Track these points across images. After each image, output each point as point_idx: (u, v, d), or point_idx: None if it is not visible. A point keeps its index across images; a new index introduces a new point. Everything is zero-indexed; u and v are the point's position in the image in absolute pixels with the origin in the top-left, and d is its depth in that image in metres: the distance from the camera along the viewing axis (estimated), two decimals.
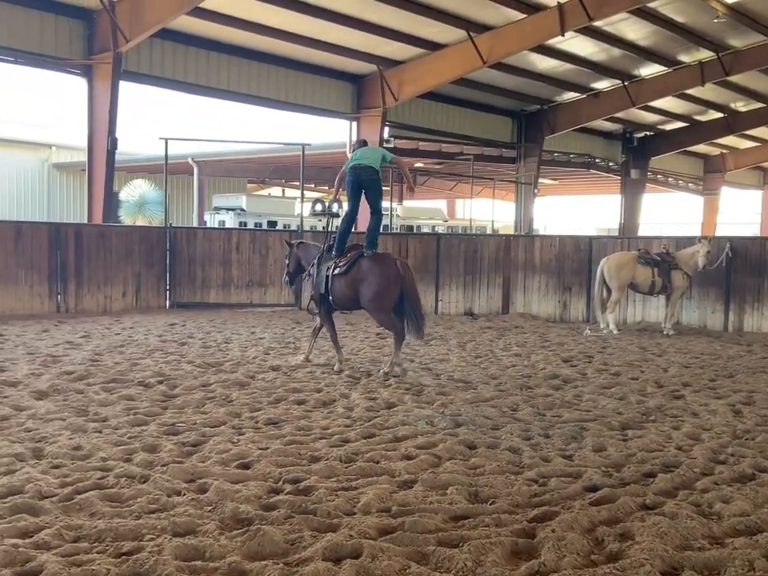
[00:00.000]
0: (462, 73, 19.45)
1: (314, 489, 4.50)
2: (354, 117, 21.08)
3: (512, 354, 10.35)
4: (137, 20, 14.73)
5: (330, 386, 7.72)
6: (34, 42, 14.95)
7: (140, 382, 7.58)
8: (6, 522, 3.77)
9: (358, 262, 8.58)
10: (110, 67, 15.33)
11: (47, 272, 13.75)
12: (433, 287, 15.82)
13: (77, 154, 30.28)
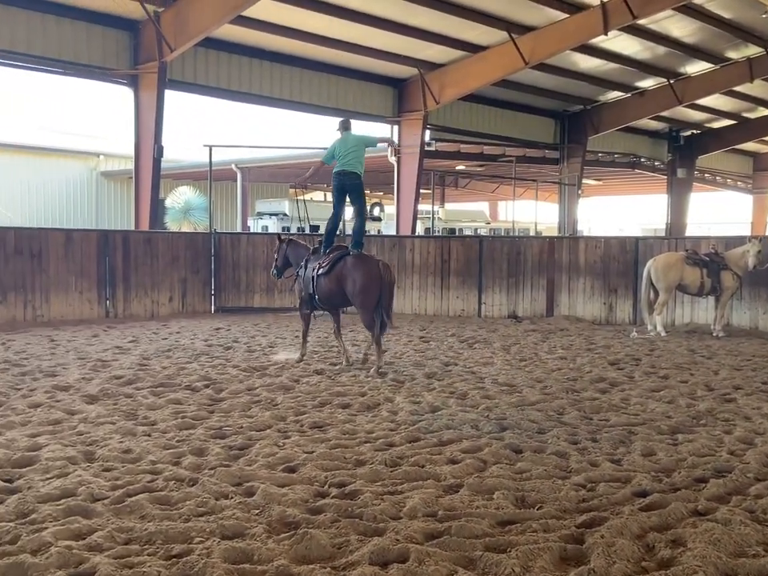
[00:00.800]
0: (504, 74, 19.33)
1: (360, 493, 4.50)
2: (396, 120, 21.10)
3: (557, 356, 10.24)
4: (181, 30, 14.96)
5: (374, 389, 7.73)
6: (82, 53, 15.28)
7: (187, 386, 7.68)
8: (60, 524, 3.85)
9: (343, 261, 9.03)
10: (155, 77, 15.59)
11: (96, 278, 14.03)
12: (475, 290, 15.75)
13: (124, 162, 30.89)
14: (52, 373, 8.29)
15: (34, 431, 5.78)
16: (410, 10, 16.43)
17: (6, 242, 13.02)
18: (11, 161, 29.22)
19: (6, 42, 14.28)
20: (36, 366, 8.73)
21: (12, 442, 5.43)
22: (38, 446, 5.36)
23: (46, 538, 3.64)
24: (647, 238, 17.55)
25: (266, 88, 18.50)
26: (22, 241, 13.23)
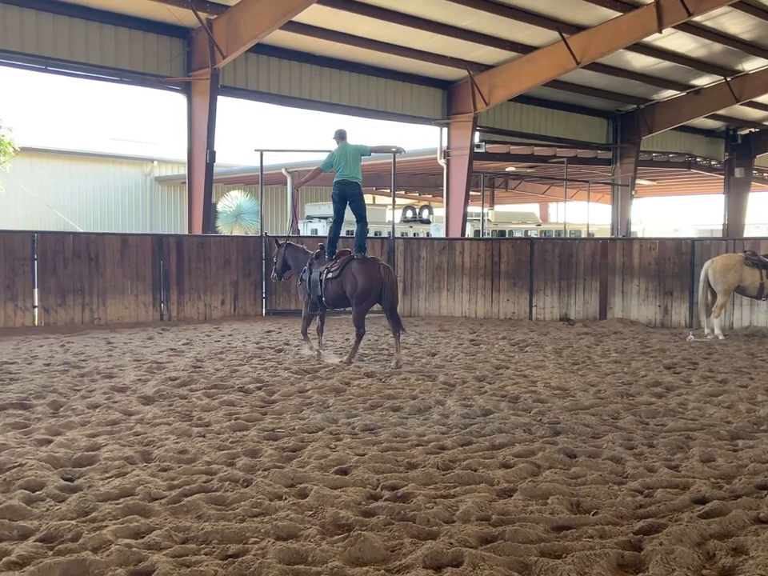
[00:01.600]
0: (555, 75, 19.13)
1: (413, 496, 4.49)
2: (445, 123, 21.06)
3: (611, 360, 10.07)
4: (233, 36, 15.19)
5: (425, 392, 7.71)
6: (138, 61, 15.64)
7: (240, 388, 7.76)
8: (120, 523, 3.93)
9: (348, 265, 9.63)
10: (207, 83, 15.86)
11: (151, 281, 14.31)
12: (526, 293, 15.61)
13: (177, 167, 31.53)
14: (109, 374, 8.47)
15: (93, 431, 5.91)
16: (459, 12, 16.39)
17: (66, 247, 13.37)
18: (71, 167, 30.04)
19: (65, 51, 14.70)
20: (94, 367, 8.94)
21: (72, 441, 5.56)
22: (97, 445, 5.48)
23: (107, 536, 3.72)
24: (704, 239, 17.15)
25: (315, 92, 18.66)
26: (81, 245, 13.57)
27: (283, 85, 18.05)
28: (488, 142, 22.36)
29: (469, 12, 16.33)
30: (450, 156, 21.09)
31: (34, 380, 8.02)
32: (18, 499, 4.25)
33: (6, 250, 12.75)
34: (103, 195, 31.03)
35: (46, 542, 3.72)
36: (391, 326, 9.71)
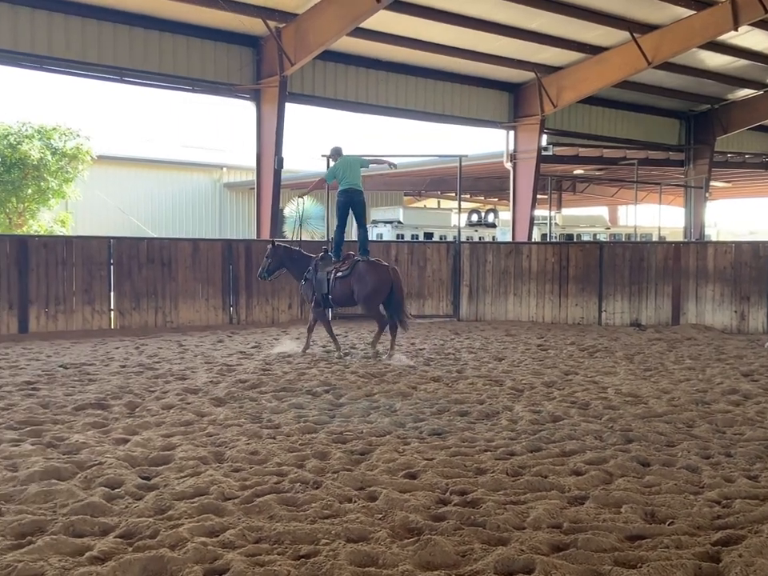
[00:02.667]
0: (626, 75, 18.76)
1: (482, 501, 4.46)
2: (511, 126, 20.90)
3: (685, 367, 9.81)
4: (301, 44, 15.40)
5: (493, 397, 7.65)
6: (209, 70, 16.02)
7: (308, 391, 7.85)
8: (195, 521, 4.02)
9: (356, 266, 10.36)
10: (276, 90, 16.12)
11: (221, 286, 14.60)
12: (595, 297, 15.35)
13: (245, 173, 32.09)
14: (182, 376, 8.68)
15: (168, 431, 6.06)
16: (526, 14, 16.25)
17: (140, 252, 13.77)
18: (144, 174, 30.92)
19: (140, 62, 15.16)
20: (167, 369, 9.17)
21: (148, 441, 5.72)
22: (171, 445, 5.62)
23: (183, 534, 3.81)
24: None
25: (381, 97, 18.76)
26: (154, 250, 13.95)
27: (349, 90, 18.21)
28: (555, 144, 22.08)
29: (536, 14, 16.17)
30: (516, 159, 20.91)
31: (111, 381, 8.28)
32: (99, 496, 4.39)
33: (84, 255, 13.20)
34: (175, 201, 31.82)
35: (126, 539, 3.83)
36: (391, 325, 10.43)
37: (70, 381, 8.31)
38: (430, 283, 15.91)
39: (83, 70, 14.98)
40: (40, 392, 7.61)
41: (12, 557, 3.52)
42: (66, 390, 7.72)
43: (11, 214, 21.02)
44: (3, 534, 3.83)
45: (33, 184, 20.72)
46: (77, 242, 13.48)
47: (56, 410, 6.80)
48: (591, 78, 19.04)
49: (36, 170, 20.47)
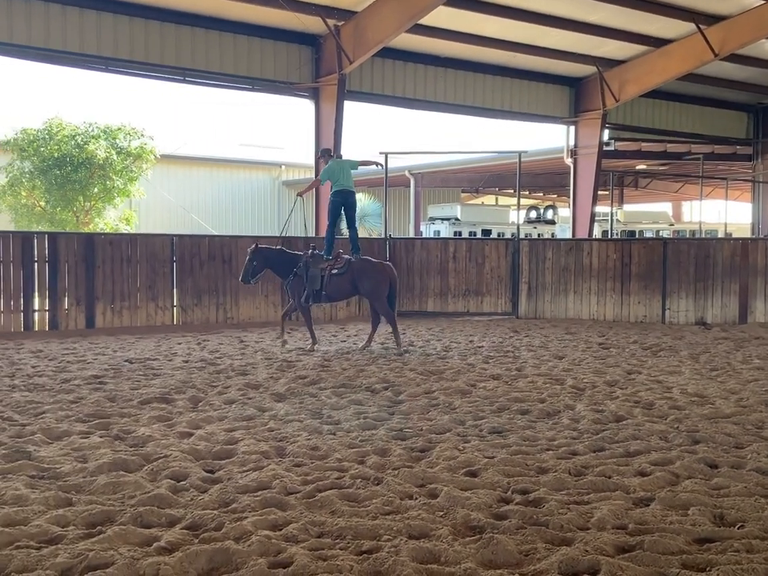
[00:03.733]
0: (691, 68, 18.29)
1: (544, 501, 4.41)
2: (572, 121, 20.61)
3: (753, 367, 9.52)
4: (360, 42, 15.46)
5: (553, 396, 7.55)
6: (269, 69, 16.23)
7: (367, 388, 7.87)
8: (259, 515, 4.07)
9: (353, 264, 10.93)
10: (334, 88, 16.22)
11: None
12: (659, 295, 15.01)
13: (303, 171, 32.41)
14: (243, 372, 8.80)
15: (230, 426, 6.15)
16: (588, 7, 15.98)
17: (201, 249, 14.01)
18: (205, 173, 31.49)
19: (202, 62, 15.45)
20: (229, 364, 9.31)
21: (211, 435, 5.81)
22: (234, 439, 5.70)
23: (247, 527, 3.86)
24: None
25: (439, 94, 18.71)
26: (215, 247, 14.19)
27: (408, 87, 18.21)
28: (617, 139, 21.70)
29: (597, 6, 15.89)
30: (577, 155, 20.61)
31: (174, 376, 8.45)
32: (165, 488, 4.48)
33: (148, 252, 13.50)
34: (234, 199, 32.32)
35: (192, 530, 3.90)
36: (374, 320, 11.25)
37: (136, 375, 8.51)
38: (488, 280, 15.79)
39: (147, 70, 15.36)
40: (107, 386, 7.82)
41: (83, 545, 3.62)
42: (131, 384, 7.91)
43: (78, 212, 21.65)
44: (75, 524, 3.94)
45: (99, 183, 21.30)
46: (141, 240, 13.80)
47: (122, 403, 6.98)
48: (655, 71, 18.63)
49: (102, 169, 21.04)
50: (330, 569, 3.44)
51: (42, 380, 8.11)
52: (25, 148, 21.00)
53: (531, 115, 20.39)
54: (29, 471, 4.79)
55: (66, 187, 20.83)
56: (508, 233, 26.71)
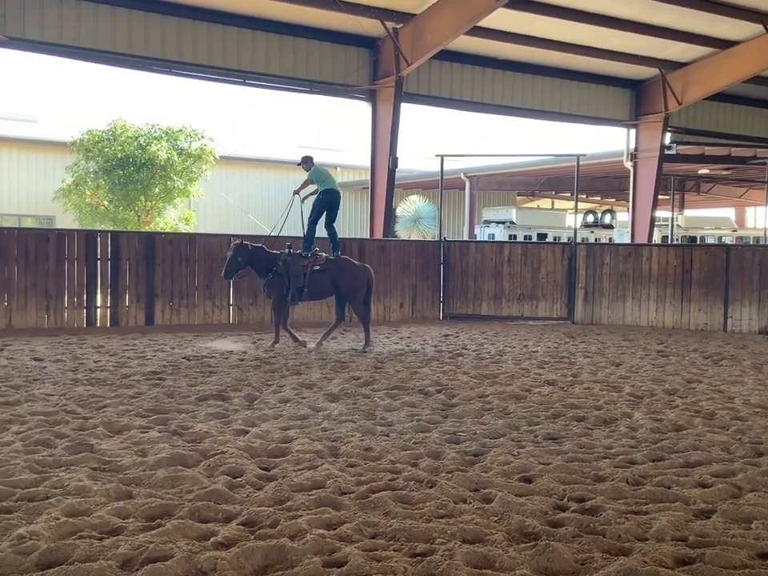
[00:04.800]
0: (759, 70, 17.77)
1: (602, 509, 4.33)
2: (632, 124, 20.25)
3: None
4: (417, 44, 15.46)
5: (610, 403, 7.43)
6: (327, 71, 16.35)
7: (420, 390, 7.86)
8: (313, 513, 4.09)
9: (334, 262, 11.25)
10: (392, 91, 16.26)
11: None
12: (720, 303, 14.64)
13: (358, 173, 32.55)
14: (297, 371, 8.88)
15: (285, 424, 6.20)
16: (650, 8, 15.67)
17: None
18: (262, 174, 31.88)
19: (261, 64, 15.66)
20: (283, 363, 9.41)
21: (267, 433, 5.88)
22: (288, 438, 5.75)
23: (302, 525, 3.88)
24: None
25: (497, 96, 18.59)
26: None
27: (465, 89, 18.14)
28: (679, 143, 21.21)
29: (661, 7, 15.57)
30: (637, 158, 20.25)
31: (230, 374, 8.57)
32: (222, 484, 4.55)
33: (206, 251, 13.74)
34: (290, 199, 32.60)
35: (248, 526, 3.94)
36: (362, 318, 11.50)
37: (193, 372, 8.66)
38: (543, 285, 15.63)
39: (209, 73, 15.61)
40: (165, 382, 7.98)
41: (143, 537, 3.69)
42: (189, 381, 8.05)
43: (140, 211, 22.15)
44: (135, 516, 4.03)
45: (160, 183, 21.77)
46: (199, 239, 14.05)
47: (180, 399, 7.11)
48: (720, 74, 18.17)
49: (163, 169, 21.50)
50: (384, 570, 3.44)
51: (104, 375, 8.32)
52: (90, 149, 21.60)
53: (590, 118, 20.11)
54: (91, 463, 4.92)
55: (128, 187, 21.35)
56: (564, 237, 26.36)
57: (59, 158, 24.92)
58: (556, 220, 29.90)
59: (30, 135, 27.71)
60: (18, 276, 12.32)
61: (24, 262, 12.35)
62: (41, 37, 13.81)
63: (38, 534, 3.68)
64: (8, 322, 12.15)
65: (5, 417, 6.13)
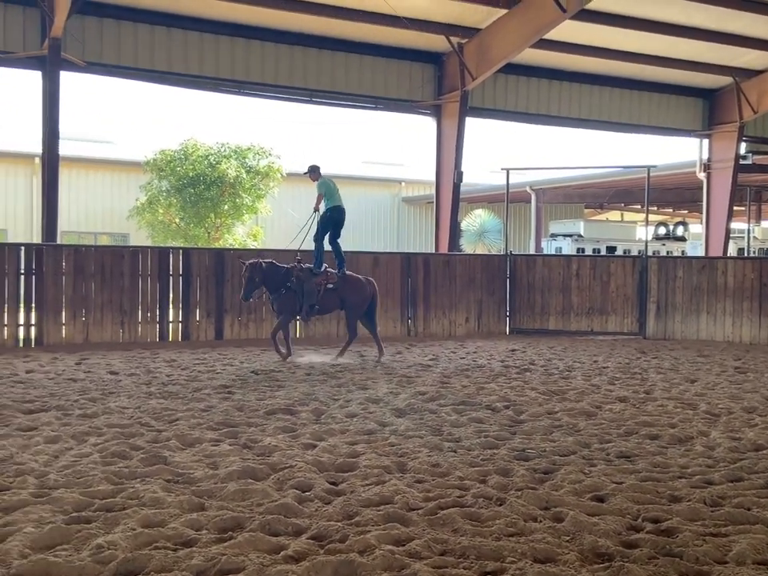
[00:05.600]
0: None
1: (678, 530, 4.20)
2: (705, 134, 19.75)
3: None
4: (482, 58, 15.46)
5: (685, 421, 7.21)
6: (392, 88, 16.50)
7: (487, 406, 7.78)
8: (381, 529, 4.08)
9: (343, 279, 11.26)
10: (456, 105, 16.27)
11: (399, 298, 14.87)
12: None
13: (422, 188, 32.63)
14: (363, 386, 8.91)
15: (352, 439, 6.22)
16: (723, 16, 15.32)
17: None
18: None
19: (327, 82, 15.89)
20: (349, 378, 9.45)
21: (334, 447, 5.91)
22: (356, 453, 5.76)
23: (371, 541, 3.88)
24: None
25: (563, 108, 18.41)
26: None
27: (531, 102, 18.02)
28: (755, 152, 20.56)
29: (734, 15, 15.19)
30: (710, 169, 19.73)
31: (297, 388, 8.65)
32: (291, 498, 4.58)
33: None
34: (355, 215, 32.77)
35: (317, 541, 3.96)
36: (372, 331, 11.68)
37: (261, 386, 8.78)
38: (613, 299, 15.33)
39: (276, 92, 15.94)
40: (235, 395, 8.11)
41: (216, 549, 3.75)
42: (257, 395, 8.16)
43: (209, 228, 22.68)
44: (207, 528, 4.10)
45: (229, 200, 22.26)
46: (267, 255, 14.24)
47: (249, 413, 7.21)
48: None
49: (232, 187, 21.99)
50: None
51: (176, 388, 8.51)
52: (163, 168, 22.26)
53: (661, 129, 19.71)
54: (165, 475, 5.03)
55: (198, 205, 21.90)
56: (634, 250, 25.82)
57: (133, 177, 25.74)
58: (626, 233, 29.32)
59: (107, 156, 28.73)
60: (95, 292, 12.73)
61: (100, 279, 12.76)
62: (117, 61, 14.33)
63: (116, 543, 3.78)
64: (85, 336, 12.56)
65: (83, 429, 6.33)
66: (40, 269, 12.35)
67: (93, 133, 31.08)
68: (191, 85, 15.43)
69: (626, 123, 19.18)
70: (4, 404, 7.35)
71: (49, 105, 13.29)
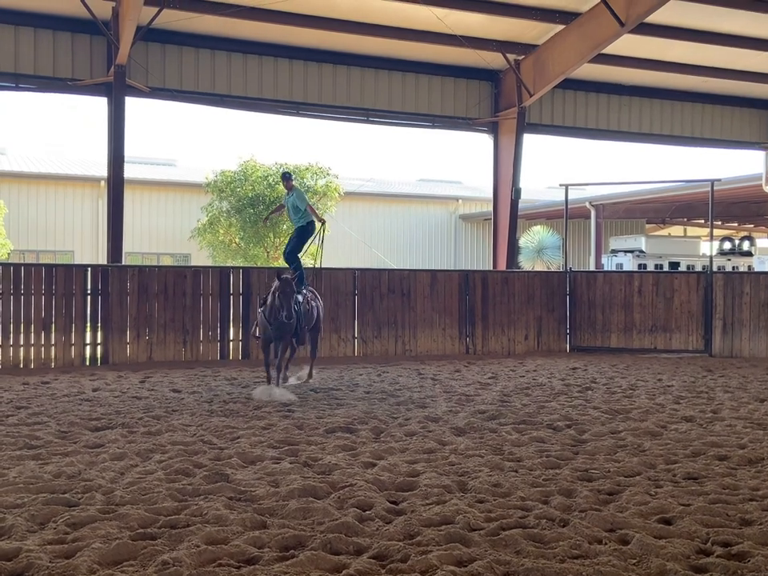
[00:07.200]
0: None
1: (750, 555, 4.06)
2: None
3: None
4: (540, 74, 15.38)
5: (755, 442, 6.98)
6: (448, 106, 16.55)
7: (548, 425, 7.67)
8: (443, 549, 4.05)
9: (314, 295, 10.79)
10: (514, 122, 16.21)
11: (457, 316, 14.81)
12: None
13: (479, 205, 32.55)
14: (422, 404, 8.88)
15: (412, 458, 6.20)
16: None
17: (381, 283, 14.38)
18: (384, 208, 32.44)
19: (384, 101, 16.04)
20: (408, 396, 9.44)
21: (394, 466, 5.89)
22: (416, 472, 5.74)
23: (432, 561, 3.86)
24: None
25: (623, 123, 18.16)
26: (395, 281, 14.50)
27: (590, 118, 17.83)
28: None
29: None
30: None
31: (356, 406, 8.67)
32: (352, 517, 4.59)
33: (332, 285, 14.04)
34: (412, 233, 32.97)
35: (378, 560, 3.95)
36: (293, 352, 10.91)
37: (321, 404, 8.83)
38: (677, 316, 14.97)
39: (334, 113, 16.11)
40: (295, 414, 8.17)
41: (278, 567, 3.77)
42: (317, 413, 8.20)
43: (269, 247, 22.99)
44: (269, 546, 4.12)
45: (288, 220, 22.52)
46: (325, 274, 14.37)
47: (309, 431, 7.25)
48: None
49: None
50: None
51: (237, 406, 8.62)
52: (223, 189, 22.71)
53: (724, 141, 19.25)
54: (227, 493, 5.09)
55: (258, 224, 22.24)
56: (698, 265, 25.21)
57: (194, 198, 26.35)
58: (689, 248, 28.67)
59: (169, 178, 29.53)
60: (158, 312, 13.01)
61: (163, 298, 13.05)
62: (179, 86, 14.72)
63: (181, 560, 3.83)
64: (149, 354, 12.84)
65: (148, 446, 6.46)
66: (106, 289, 12.69)
67: (156, 154, 31.98)
68: (250, 107, 15.72)
69: (688, 137, 18.81)
70: (72, 421, 7.56)
71: (114, 130, 13.70)
